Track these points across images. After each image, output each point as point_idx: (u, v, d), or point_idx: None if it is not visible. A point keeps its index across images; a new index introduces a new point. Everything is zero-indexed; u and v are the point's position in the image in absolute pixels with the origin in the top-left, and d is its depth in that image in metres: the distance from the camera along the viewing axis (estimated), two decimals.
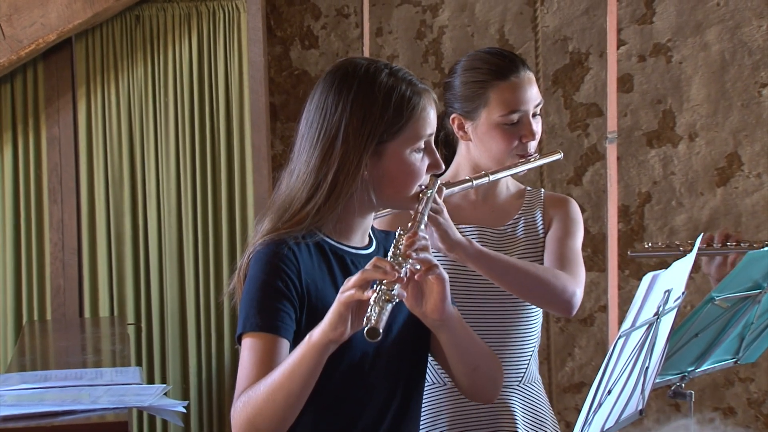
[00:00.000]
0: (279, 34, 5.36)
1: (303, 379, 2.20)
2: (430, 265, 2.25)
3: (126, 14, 5.12)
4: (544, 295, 2.84)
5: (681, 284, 2.53)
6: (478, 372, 2.42)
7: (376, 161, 2.35)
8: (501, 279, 2.79)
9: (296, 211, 2.36)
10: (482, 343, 2.44)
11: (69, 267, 5.16)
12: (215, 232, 5.17)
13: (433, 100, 2.41)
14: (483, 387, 2.46)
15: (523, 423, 2.96)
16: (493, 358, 2.47)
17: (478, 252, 2.73)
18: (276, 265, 2.30)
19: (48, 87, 5.13)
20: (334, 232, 2.39)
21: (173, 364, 5.18)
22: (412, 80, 2.39)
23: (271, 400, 2.21)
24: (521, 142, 2.91)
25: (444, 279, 2.26)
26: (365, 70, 2.37)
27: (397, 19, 5.36)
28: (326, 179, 2.33)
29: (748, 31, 5.35)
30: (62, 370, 3.56)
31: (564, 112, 5.38)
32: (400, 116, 2.34)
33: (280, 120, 5.36)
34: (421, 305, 2.28)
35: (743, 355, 3.18)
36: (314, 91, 2.41)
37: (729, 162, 5.38)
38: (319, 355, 2.18)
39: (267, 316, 2.27)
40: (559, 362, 5.41)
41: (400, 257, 2.22)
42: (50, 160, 5.13)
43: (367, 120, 2.33)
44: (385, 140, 2.34)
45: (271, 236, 2.35)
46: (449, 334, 2.34)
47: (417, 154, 2.38)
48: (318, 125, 2.36)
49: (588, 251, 5.35)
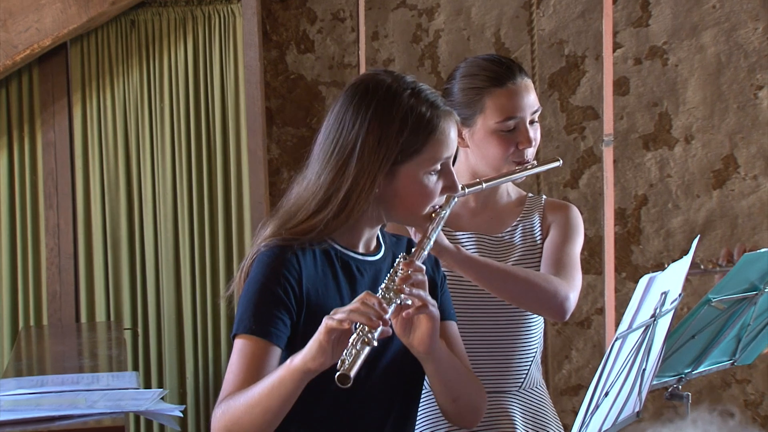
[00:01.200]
0: (275, 39, 5.36)
1: (281, 399, 2.19)
2: (422, 303, 2.24)
3: (121, 19, 5.12)
4: (535, 299, 2.82)
5: (678, 286, 2.53)
6: (458, 402, 2.41)
7: (390, 181, 2.34)
8: (490, 284, 2.77)
9: (301, 221, 2.34)
10: (466, 374, 2.43)
11: (65, 272, 5.15)
12: (211, 236, 5.16)
13: (455, 122, 2.39)
14: (463, 416, 2.46)
15: (523, 428, 2.95)
16: (475, 387, 2.45)
17: (466, 258, 2.72)
18: (277, 270, 2.30)
19: (43, 92, 5.12)
20: (341, 238, 2.38)
21: (170, 369, 5.18)
22: (435, 102, 2.36)
23: (249, 413, 2.21)
24: (518, 149, 2.90)
25: (434, 318, 2.25)
26: (386, 89, 2.34)
27: (393, 23, 5.36)
28: (338, 195, 2.32)
29: (743, 33, 5.35)
30: (59, 375, 3.56)
31: (560, 115, 5.38)
32: (416, 139, 2.32)
33: (276, 124, 5.35)
34: (408, 335, 2.27)
35: (740, 356, 3.18)
36: (336, 102, 2.39)
37: (725, 164, 5.38)
38: (298, 380, 2.18)
39: (261, 321, 2.27)
40: (556, 365, 5.41)
41: (392, 292, 2.21)
42: (46, 165, 5.13)
43: (383, 140, 2.31)
44: (400, 161, 2.32)
45: (277, 240, 2.34)
46: (434, 367, 2.33)
47: (432, 176, 2.36)
48: (334, 139, 2.35)
49: (585, 254, 5.35)
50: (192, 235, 5.16)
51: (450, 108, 2.39)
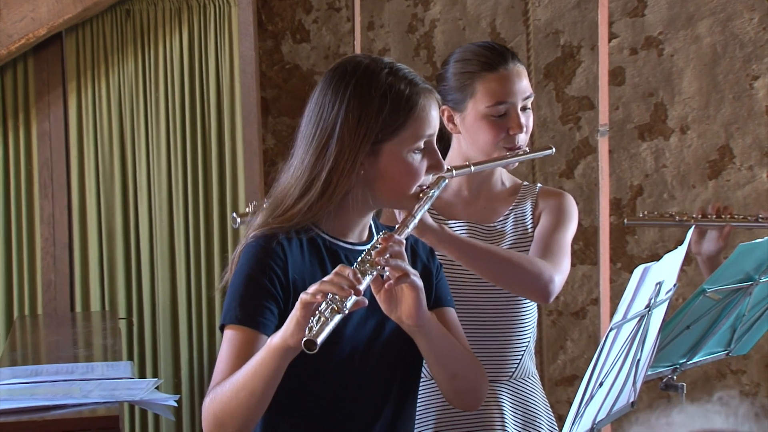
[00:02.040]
0: (270, 28, 5.35)
1: (264, 381, 2.19)
2: (401, 272, 2.23)
3: (116, 8, 5.11)
4: (518, 280, 2.79)
5: (672, 276, 2.53)
6: (456, 380, 2.40)
7: (373, 161, 2.33)
8: (473, 264, 2.75)
9: (288, 207, 2.34)
10: (463, 351, 2.41)
11: (60, 262, 5.15)
12: (206, 226, 5.16)
13: (436, 100, 2.38)
14: (461, 394, 2.44)
15: (512, 418, 2.95)
16: (474, 366, 2.43)
17: (449, 236, 2.70)
18: (262, 260, 2.30)
19: (38, 81, 5.11)
20: (330, 227, 2.38)
21: (164, 359, 5.18)
22: (413, 79, 2.35)
23: (235, 397, 2.22)
24: (509, 135, 2.89)
25: (417, 287, 2.24)
26: (364, 69, 2.34)
27: (389, 13, 5.35)
28: (320, 177, 2.31)
29: (739, 23, 5.35)
30: (53, 365, 3.56)
31: (556, 105, 5.38)
32: (396, 116, 2.31)
33: (271, 114, 5.35)
34: (395, 310, 2.26)
35: (735, 347, 3.18)
36: (316, 88, 2.40)
37: (721, 155, 5.38)
38: (279, 358, 2.17)
39: (248, 311, 2.28)
40: (551, 355, 5.42)
41: (368, 264, 2.20)
42: (41, 154, 5.12)
43: (362, 119, 2.31)
44: (381, 140, 2.32)
45: (263, 230, 2.34)
46: (426, 341, 2.32)
47: (416, 155, 2.34)
48: (315, 123, 2.35)
49: (580, 244, 5.35)
50: (187, 224, 5.15)
51: (430, 86, 2.39)
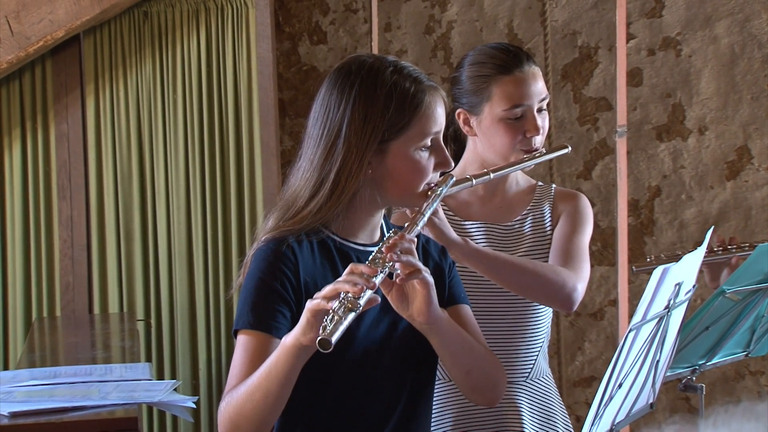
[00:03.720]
0: (287, 30, 5.35)
1: (279, 381, 2.19)
2: (412, 269, 2.22)
3: (134, 10, 5.12)
4: (543, 291, 2.82)
5: (692, 277, 2.52)
6: (471, 376, 2.38)
7: (380, 160, 2.33)
8: (498, 277, 2.78)
9: (299, 209, 2.35)
10: (478, 347, 2.39)
11: (78, 263, 5.16)
12: (224, 228, 5.17)
13: (441, 97, 2.38)
14: (479, 390, 2.42)
15: (530, 418, 2.95)
16: (490, 362, 2.41)
17: (474, 250, 2.72)
18: (273, 264, 2.30)
19: (56, 84, 5.13)
20: (340, 229, 2.38)
21: (183, 360, 5.18)
22: (418, 77, 2.36)
23: (250, 399, 2.22)
24: (525, 137, 2.89)
25: (428, 283, 2.23)
26: (368, 68, 2.34)
27: (406, 14, 5.35)
28: (328, 178, 2.32)
29: (757, 24, 5.33)
30: (72, 366, 3.56)
31: (573, 106, 5.37)
32: (402, 114, 2.32)
33: (288, 116, 5.35)
34: (407, 308, 2.26)
35: (754, 348, 3.18)
36: (321, 88, 2.39)
37: (739, 155, 5.37)
38: (293, 358, 2.17)
39: (260, 315, 2.28)
40: (569, 356, 5.41)
41: (380, 260, 2.19)
42: (59, 156, 5.14)
43: (368, 119, 2.31)
44: (388, 139, 2.32)
45: (273, 234, 2.35)
46: (439, 338, 2.31)
47: (423, 152, 2.34)
48: (321, 123, 2.35)
49: (598, 245, 5.34)
50: (205, 226, 5.16)
51: (435, 83, 2.38)
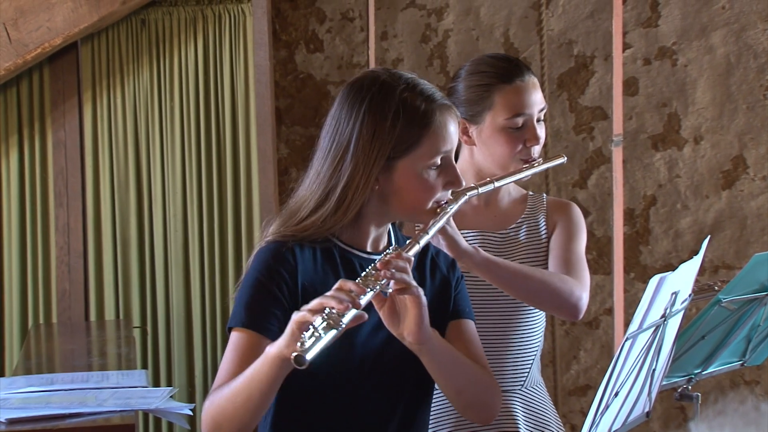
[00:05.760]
0: (284, 38, 5.36)
1: (261, 389, 2.19)
2: (403, 285, 2.21)
3: (132, 18, 5.13)
4: (552, 300, 2.84)
5: (688, 286, 2.53)
6: (463, 395, 2.37)
7: (388, 176, 2.32)
8: (508, 286, 2.79)
9: (303, 218, 2.35)
10: (471, 367, 2.37)
11: (75, 270, 5.16)
12: (221, 235, 5.17)
13: (454, 116, 2.36)
14: (471, 409, 2.41)
15: (525, 426, 2.96)
16: (483, 382, 2.40)
17: (485, 260, 2.73)
18: (272, 266, 2.31)
19: (54, 91, 5.13)
20: (346, 237, 2.38)
21: (179, 367, 5.19)
22: (431, 95, 2.34)
23: (232, 401, 2.22)
24: (525, 147, 2.91)
25: (419, 301, 2.22)
26: (380, 84, 2.33)
27: (402, 23, 5.36)
28: (335, 191, 2.32)
29: (753, 34, 5.35)
30: (68, 373, 3.56)
31: (569, 115, 5.38)
32: (410, 133, 2.30)
33: (285, 124, 5.36)
34: (398, 326, 2.25)
35: (750, 357, 3.18)
36: (335, 101, 2.39)
37: (734, 165, 5.38)
38: (276, 368, 2.16)
39: (254, 315, 2.29)
40: (564, 365, 5.41)
41: (372, 278, 2.18)
42: (56, 163, 5.14)
43: (376, 135, 2.30)
44: (396, 156, 2.31)
45: (275, 236, 2.36)
46: (429, 357, 2.30)
47: (431, 171, 2.33)
48: (331, 136, 2.35)
49: (593, 254, 5.35)
50: (201, 233, 5.17)
51: (449, 102, 2.37)
